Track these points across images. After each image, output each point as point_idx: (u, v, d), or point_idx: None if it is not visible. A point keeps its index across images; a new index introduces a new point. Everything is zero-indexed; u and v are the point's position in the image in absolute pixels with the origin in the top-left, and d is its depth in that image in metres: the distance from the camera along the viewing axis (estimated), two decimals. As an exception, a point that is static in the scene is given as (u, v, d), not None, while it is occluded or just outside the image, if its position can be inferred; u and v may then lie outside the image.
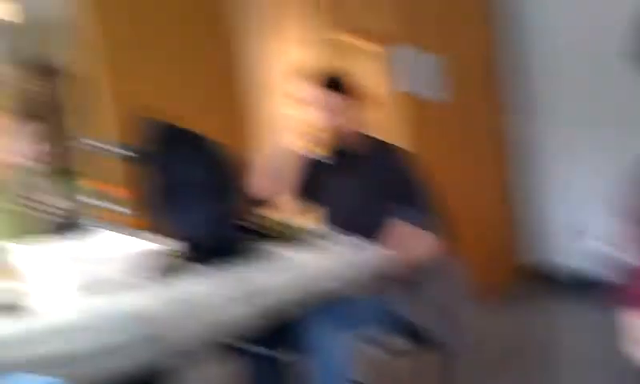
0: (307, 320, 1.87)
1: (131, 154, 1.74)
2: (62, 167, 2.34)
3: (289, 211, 2.23)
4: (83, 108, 3.06)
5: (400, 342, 2.07)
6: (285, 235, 1.99)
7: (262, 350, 2.01)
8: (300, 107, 2.23)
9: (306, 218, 2.31)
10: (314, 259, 1.79)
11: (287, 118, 5.25)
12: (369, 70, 5.73)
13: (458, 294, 2.13)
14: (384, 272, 1.88)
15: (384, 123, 4.86)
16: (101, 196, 1.94)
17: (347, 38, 7.53)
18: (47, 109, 7.64)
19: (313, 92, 2.17)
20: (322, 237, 1.89)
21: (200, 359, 1.74)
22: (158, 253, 1.77)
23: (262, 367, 2.09)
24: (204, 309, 1.45)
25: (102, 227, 1.87)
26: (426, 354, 2.08)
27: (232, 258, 1.72)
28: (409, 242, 2.03)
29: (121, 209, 1.90)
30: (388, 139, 2.36)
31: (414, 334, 2.05)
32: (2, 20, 3.93)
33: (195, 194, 1.73)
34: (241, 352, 2.06)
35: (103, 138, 2.89)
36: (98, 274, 1.47)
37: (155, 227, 1.78)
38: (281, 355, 1.96)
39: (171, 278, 1.58)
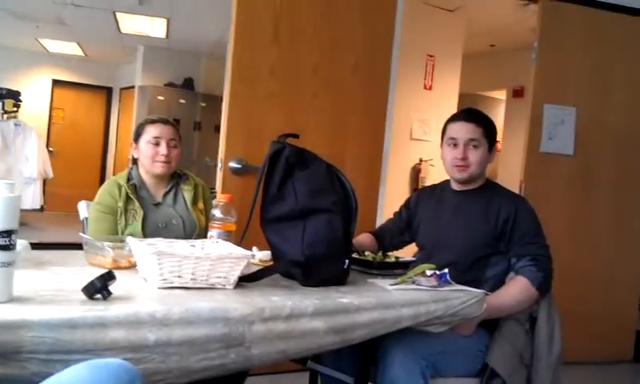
0: (387, 351, 1.83)
1: (254, 170, 1.82)
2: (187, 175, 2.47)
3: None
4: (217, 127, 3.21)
5: (469, 382, 2.00)
6: (380, 267, 1.97)
7: (335, 373, 1.99)
8: (444, 147, 2.29)
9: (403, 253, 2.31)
10: (405, 293, 1.74)
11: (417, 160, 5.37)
12: (499, 120, 5.69)
13: (546, 348, 1.99)
14: (473, 313, 1.82)
15: (502, 171, 4.71)
16: (215, 205, 2.02)
17: (484, 93, 7.66)
18: (186, 124, 8.17)
19: (457, 126, 2.23)
20: (419, 271, 1.84)
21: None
22: (254, 260, 1.81)
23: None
24: (286, 324, 1.44)
25: (213, 233, 1.96)
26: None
27: (333, 282, 1.72)
28: (509, 290, 1.98)
29: (229, 217, 1.95)
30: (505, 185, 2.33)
31: (488, 376, 1.98)
32: (153, 37, 4.28)
33: (320, 214, 1.76)
34: (314, 371, 2.06)
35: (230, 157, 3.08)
36: (186, 271, 1.51)
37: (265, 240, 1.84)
38: (353, 380, 1.92)
39: (262, 286, 1.60)
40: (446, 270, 1.88)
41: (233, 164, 3.11)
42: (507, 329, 2.01)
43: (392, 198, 3.41)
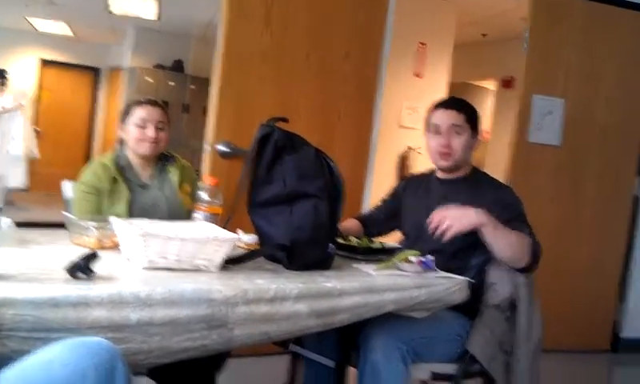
0: (369, 336, 1.85)
1: (242, 153, 1.81)
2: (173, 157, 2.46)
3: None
4: (206, 109, 3.20)
5: (449, 367, 2.02)
6: (365, 253, 1.99)
7: (316, 356, 2.01)
8: (427, 135, 2.30)
9: (388, 240, 2.33)
10: (389, 278, 1.76)
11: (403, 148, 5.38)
12: (488, 110, 5.73)
13: (526, 335, 2.01)
14: (460, 297, 1.85)
15: (491, 160, 4.74)
16: (202, 188, 2.02)
17: (475, 82, 7.68)
18: (175, 106, 8.11)
19: (439, 114, 2.25)
20: (403, 257, 1.85)
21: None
22: (239, 243, 1.81)
23: (314, 371, 2.09)
24: (270, 307, 1.45)
25: (199, 216, 1.96)
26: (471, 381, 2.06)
27: (317, 266, 1.73)
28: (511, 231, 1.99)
29: (215, 200, 1.96)
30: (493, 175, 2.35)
31: (467, 361, 2.00)
32: (144, 19, 4.24)
33: (307, 199, 1.76)
34: (296, 353, 2.08)
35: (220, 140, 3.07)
36: (171, 253, 1.51)
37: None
38: (334, 364, 1.94)
39: (246, 269, 1.61)
40: (430, 257, 1.90)
41: (221, 147, 3.10)
42: (488, 316, 2.03)
43: (379, 185, 3.42)
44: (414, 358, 1.90)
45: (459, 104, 2.26)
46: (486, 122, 6.11)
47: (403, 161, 5.53)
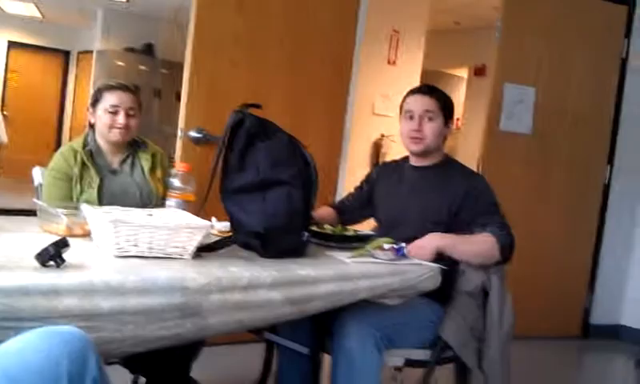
0: (343, 323, 1.86)
1: (215, 140, 1.78)
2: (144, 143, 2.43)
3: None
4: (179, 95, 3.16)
5: (422, 353, 2.05)
6: (339, 240, 1.99)
7: (291, 344, 2.01)
8: (401, 120, 2.31)
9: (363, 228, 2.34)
10: (363, 265, 1.77)
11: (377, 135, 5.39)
12: (461, 98, 5.76)
13: (497, 322, 2.05)
14: (433, 283, 1.87)
15: (463, 149, 4.80)
16: (173, 174, 2.00)
17: (448, 70, 7.72)
18: (146, 91, 8.02)
19: (413, 99, 2.26)
20: (377, 245, 1.87)
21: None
22: (212, 231, 1.80)
23: (289, 358, 2.10)
24: (244, 295, 1.45)
25: (171, 203, 1.94)
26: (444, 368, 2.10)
27: (291, 254, 1.73)
28: (473, 238, 2.02)
29: (188, 187, 1.94)
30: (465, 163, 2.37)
31: (440, 347, 2.03)
32: (113, 0, 4.16)
33: (280, 186, 1.75)
34: (270, 341, 2.08)
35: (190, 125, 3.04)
36: (143, 240, 1.50)
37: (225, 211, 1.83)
38: (309, 351, 1.94)
39: (220, 257, 1.60)
40: (404, 244, 1.91)
41: (193, 133, 3.07)
42: (460, 302, 2.05)
43: (353, 173, 3.43)
44: (387, 344, 1.91)
45: (433, 91, 2.28)
46: (458, 110, 6.14)
47: (377, 148, 5.54)
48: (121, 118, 2.27)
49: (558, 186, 4.27)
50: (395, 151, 5.15)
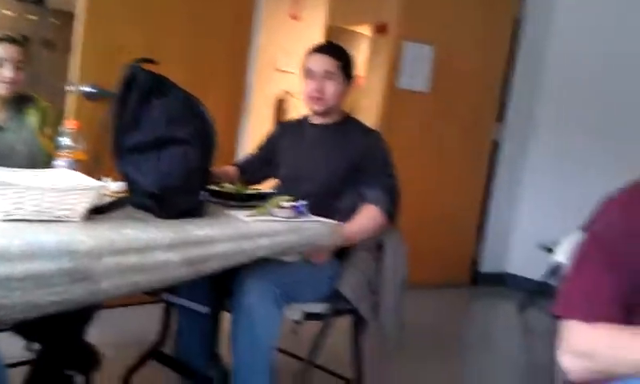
0: (242, 280, 1.88)
1: (109, 95, 1.71)
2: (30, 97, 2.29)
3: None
4: (71, 47, 2.99)
5: (320, 307, 2.11)
6: (239, 199, 1.99)
7: (190, 303, 2.01)
8: (302, 79, 2.31)
9: (259, 186, 2.35)
10: (262, 224, 1.78)
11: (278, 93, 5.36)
12: (363, 55, 5.85)
13: (392, 274, 2.14)
14: (326, 242, 1.91)
15: (364, 106, 4.91)
16: (63, 132, 1.90)
17: (351, 26, 7.72)
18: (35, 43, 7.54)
19: (314, 59, 2.27)
20: (276, 203, 1.88)
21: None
22: (106, 191, 1.75)
23: (188, 318, 2.10)
24: (139, 257, 1.42)
25: (61, 163, 1.85)
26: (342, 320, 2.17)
27: (189, 214, 1.70)
28: (361, 218, 2.08)
29: (78, 145, 1.86)
30: (365, 121, 2.42)
31: (337, 301, 2.10)
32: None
33: (176, 144, 1.70)
34: (169, 302, 2.08)
35: (83, 78, 2.90)
36: (30, 203, 1.43)
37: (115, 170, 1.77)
38: (208, 310, 1.95)
39: (113, 219, 1.55)
40: (303, 202, 1.93)
41: (86, 88, 2.93)
42: (357, 257, 2.12)
43: (257, 130, 3.40)
44: (287, 299, 1.95)
45: (334, 50, 2.29)
46: (361, 67, 6.20)
47: (280, 105, 5.52)
48: (7, 71, 2.13)
49: (451, 142, 4.45)
50: (299, 108, 5.15)
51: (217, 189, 2.01)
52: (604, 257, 1.21)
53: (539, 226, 4.55)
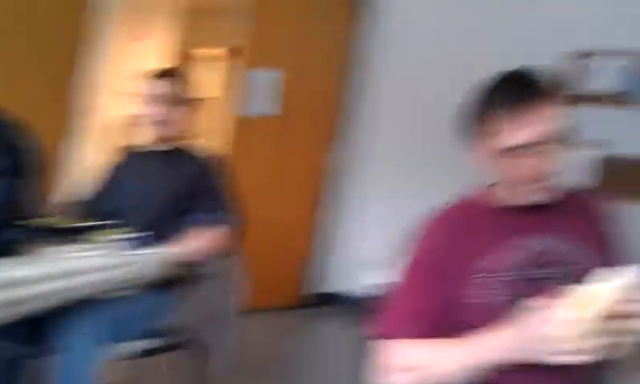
0: (65, 320, 1.78)
1: None
2: None
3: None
4: None
5: (156, 341, 2.05)
6: (61, 234, 1.88)
7: (7, 346, 1.86)
8: (137, 104, 2.27)
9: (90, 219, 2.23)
10: (87, 259, 1.71)
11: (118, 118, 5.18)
12: (209, 79, 5.80)
13: (230, 300, 2.14)
14: (160, 272, 1.88)
15: (207, 129, 4.88)
16: None
17: (207, 49, 7.64)
18: None
19: (147, 85, 2.22)
20: (105, 236, 1.81)
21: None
22: None
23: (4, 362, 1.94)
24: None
25: None
26: (181, 354, 2.12)
27: (3, 253, 1.58)
28: (196, 240, 2.05)
29: None
30: (204, 144, 2.39)
31: (174, 333, 2.05)
32: None
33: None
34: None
35: None
36: None
37: None
38: (26, 351, 1.82)
39: None
40: (134, 234, 1.87)
41: None
42: (190, 287, 2.08)
43: (94, 155, 3.25)
44: (114, 337, 1.86)
45: (172, 75, 2.27)
46: (215, 91, 6.15)
47: (124, 129, 5.31)
48: None
49: (294, 166, 4.49)
50: (143, 133, 4.98)
51: (41, 223, 1.88)
52: (429, 275, 1.27)
53: (365, 245, 4.65)
